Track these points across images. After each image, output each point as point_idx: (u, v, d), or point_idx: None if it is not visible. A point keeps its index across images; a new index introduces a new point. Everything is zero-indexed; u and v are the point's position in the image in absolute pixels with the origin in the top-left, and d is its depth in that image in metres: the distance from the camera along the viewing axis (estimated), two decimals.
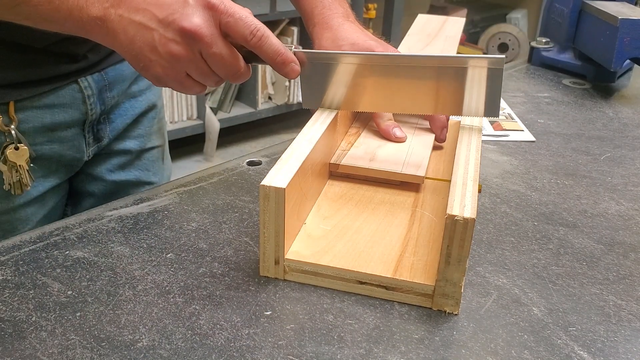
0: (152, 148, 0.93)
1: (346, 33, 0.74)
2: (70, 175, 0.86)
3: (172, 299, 0.55)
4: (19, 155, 0.73)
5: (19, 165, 0.74)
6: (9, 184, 0.74)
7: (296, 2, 0.82)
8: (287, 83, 2.90)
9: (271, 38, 0.62)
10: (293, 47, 0.66)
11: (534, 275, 0.61)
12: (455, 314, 0.55)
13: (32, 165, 0.76)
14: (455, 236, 0.51)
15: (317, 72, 0.68)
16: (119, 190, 0.91)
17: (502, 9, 4.15)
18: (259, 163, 0.81)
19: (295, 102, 2.97)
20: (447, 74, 0.67)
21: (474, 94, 0.67)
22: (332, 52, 0.69)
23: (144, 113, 0.90)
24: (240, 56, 0.61)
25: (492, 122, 0.98)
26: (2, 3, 0.57)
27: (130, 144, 0.90)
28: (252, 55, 0.63)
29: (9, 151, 0.73)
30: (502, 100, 1.08)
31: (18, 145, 0.73)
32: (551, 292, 0.59)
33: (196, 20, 0.57)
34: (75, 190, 0.90)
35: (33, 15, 0.58)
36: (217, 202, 0.71)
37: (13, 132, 0.73)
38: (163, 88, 0.92)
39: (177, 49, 0.58)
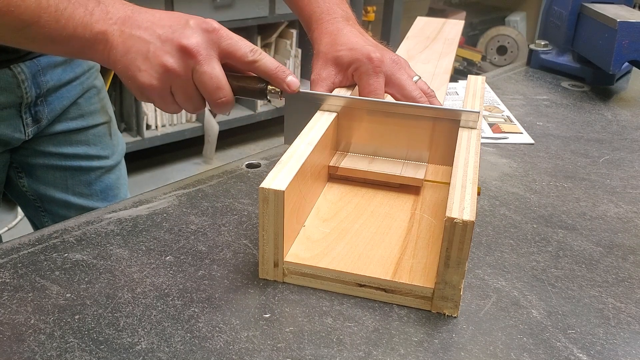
0: (97, 125, 0.97)
1: (345, 38, 0.74)
2: (9, 148, 0.88)
3: (171, 302, 0.55)
4: None
5: None
6: None
7: (294, 7, 0.82)
8: None
9: (269, 56, 0.66)
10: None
11: (533, 278, 0.61)
12: (455, 317, 0.55)
13: None
14: (455, 239, 0.51)
15: (302, 110, 0.71)
16: (70, 162, 0.94)
17: (501, 11, 4.16)
18: (258, 165, 0.81)
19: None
20: (443, 126, 0.69)
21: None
22: (321, 93, 0.71)
23: (82, 95, 0.93)
24: (228, 83, 0.64)
25: (491, 125, 0.99)
26: (12, 26, 0.59)
27: (72, 124, 0.93)
28: (240, 90, 0.67)
29: None
30: (501, 102, 1.08)
31: None
32: (550, 295, 0.59)
33: (194, 39, 0.61)
34: (27, 164, 0.93)
35: (40, 37, 0.60)
36: (216, 204, 0.71)
37: None
38: (99, 72, 0.96)
39: (170, 62, 0.61)
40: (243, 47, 0.64)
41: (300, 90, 0.68)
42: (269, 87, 0.67)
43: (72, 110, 0.92)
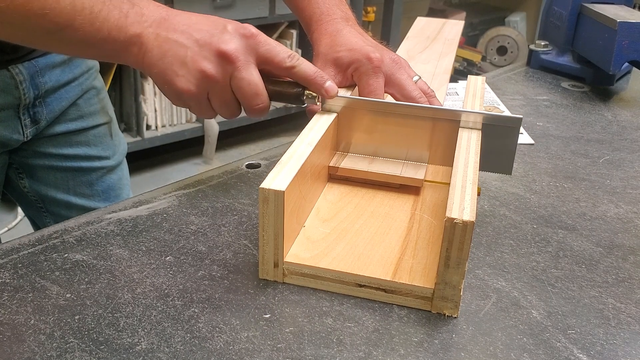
0: (97, 126, 0.97)
1: (344, 39, 0.74)
2: (8, 149, 0.88)
3: (171, 302, 0.55)
4: None
5: None
6: None
7: (294, 8, 0.82)
8: None
9: (306, 62, 0.65)
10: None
11: (533, 278, 0.61)
12: (455, 317, 0.55)
13: None
14: (455, 239, 0.51)
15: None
16: (71, 162, 0.95)
17: (501, 12, 4.16)
18: (258, 166, 0.81)
19: (294, 105, 2.97)
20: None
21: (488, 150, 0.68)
22: (357, 98, 0.71)
23: (81, 95, 0.93)
24: (265, 89, 0.63)
25: None
26: (46, 29, 0.58)
27: (72, 125, 0.93)
28: (276, 95, 0.66)
29: None
30: (501, 103, 1.08)
31: None
32: (550, 295, 0.59)
33: (233, 44, 0.60)
34: (28, 165, 0.93)
35: (74, 40, 0.59)
36: (216, 205, 0.71)
37: None
38: (98, 72, 0.96)
39: (208, 67, 0.60)
40: (281, 52, 0.63)
41: (338, 95, 0.68)
42: (306, 92, 0.67)
43: (71, 112, 0.92)
